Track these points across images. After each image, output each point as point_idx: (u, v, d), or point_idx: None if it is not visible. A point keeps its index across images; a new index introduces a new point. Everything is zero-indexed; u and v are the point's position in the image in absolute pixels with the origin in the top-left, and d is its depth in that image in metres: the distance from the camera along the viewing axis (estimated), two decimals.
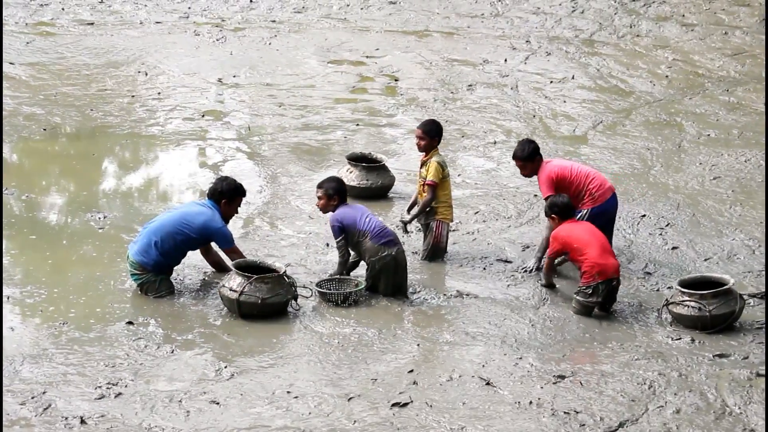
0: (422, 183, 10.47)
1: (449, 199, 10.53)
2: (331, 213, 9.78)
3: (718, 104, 15.05)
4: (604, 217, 10.21)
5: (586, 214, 10.13)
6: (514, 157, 10.42)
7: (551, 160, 10.57)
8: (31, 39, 17.19)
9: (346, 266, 9.85)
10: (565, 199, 9.87)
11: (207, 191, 9.88)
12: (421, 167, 10.52)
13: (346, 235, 9.68)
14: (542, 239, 10.28)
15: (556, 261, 10.11)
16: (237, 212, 9.93)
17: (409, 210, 10.69)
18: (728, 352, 8.79)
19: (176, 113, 14.65)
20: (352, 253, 9.82)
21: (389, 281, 9.64)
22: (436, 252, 10.45)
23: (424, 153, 10.49)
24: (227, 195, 9.71)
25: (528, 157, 10.30)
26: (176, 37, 17.51)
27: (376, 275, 9.64)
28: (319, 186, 9.87)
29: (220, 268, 9.90)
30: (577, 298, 9.49)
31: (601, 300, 9.42)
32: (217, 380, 8.17)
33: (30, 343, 8.62)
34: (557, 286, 9.95)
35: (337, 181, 9.89)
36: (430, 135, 10.44)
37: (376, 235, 9.61)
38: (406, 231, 10.58)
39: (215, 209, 9.67)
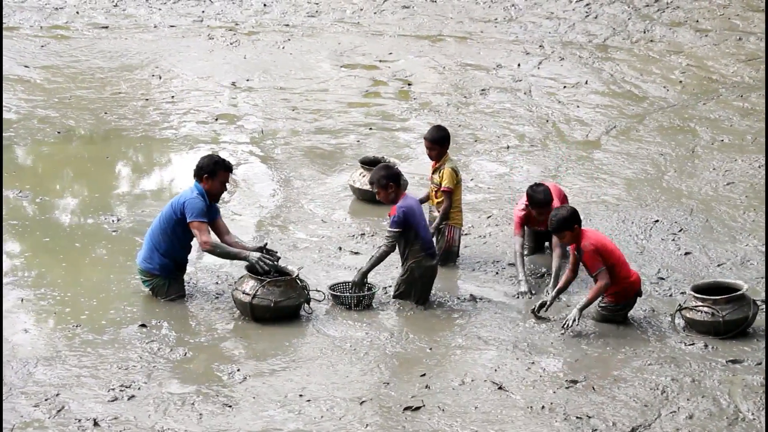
0: (435, 189, 10.47)
1: (460, 203, 10.54)
2: (397, 205, 9.53)
3: (732, 110, 15.02)
4: None
5: None
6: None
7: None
8: (46, 42, 17.26)
9: (383, 260, 9.65)
10: (569, 207, 9.42)
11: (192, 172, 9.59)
12: (433, 173, 10.52)
13: (406, 228, 9.52)
14: (555, 269, 9.85)
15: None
16: (224, 188, 9.61)
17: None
18: (741, 358, 8.76)
19: (190, 117, 14.69)
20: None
21: (421, 290, 9.64)
22: (448, 256, 10.45)
23: (435, 161, 10.50)
24: (207, 170, 9.43)
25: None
26: (190, 41, 17.56)
27: (413, 282, 9.62)
28: (370, 182, 9.74)
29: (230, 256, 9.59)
30: (603, 313, 9.41)
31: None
32: (229, 383, 8.18)
33: (44, 345, 8.65)
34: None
35: (384, 169, 9.67)
36: (440, 143, 10.43)
37: (426, 245, 9.60)
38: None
39: (197, 188, 9.45)
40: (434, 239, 10.33)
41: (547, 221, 9.57)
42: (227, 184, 9.69)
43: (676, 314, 9.39)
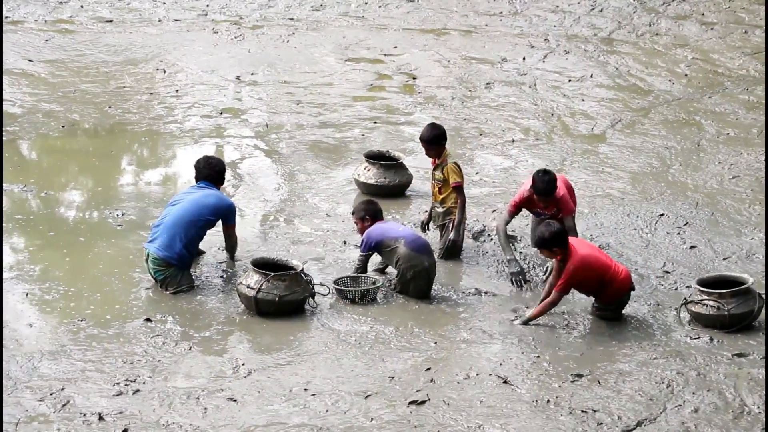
0: (439, 186, 10.44)
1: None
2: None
3: (738, 103, 14.99)
4: None
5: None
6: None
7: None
8: (50, 36, 17.24)
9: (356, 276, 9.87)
10: (556, 226, 9.27)
11: (197, 174, 10.05)
12: (434, 170, 10.49)
13: (380, 248, 9.72)
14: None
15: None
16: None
17: (427, 223, 10.64)
18: (747, 352, 8.75)
19: (194, 111, 14.67)
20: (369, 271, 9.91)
21: (418, 288, 9.64)
22: (452, 251, 10.44)
23: (435, 158, 10.46)
24: (221, 180, 10.09)
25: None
26: (194, 35, 17.54)
27: (407, 282, 9.64)
28: (352, 213, 10.12)
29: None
30: (597, 313, 9.40)
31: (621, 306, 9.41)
32: (234, 377, 8.18)
33: (49, 339, 8.65)
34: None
35: (366, 203, 10.01)
36: (436, 142, 10.37)
37: (411, 241, 9.62)
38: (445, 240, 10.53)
39: (214, 188, 9.97)
40: (441, 234, 10.34)
41: (549, 208, 9.85)
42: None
43: (682, 308, 9.37)
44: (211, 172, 9.99)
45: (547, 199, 9.87)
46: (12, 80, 15.39)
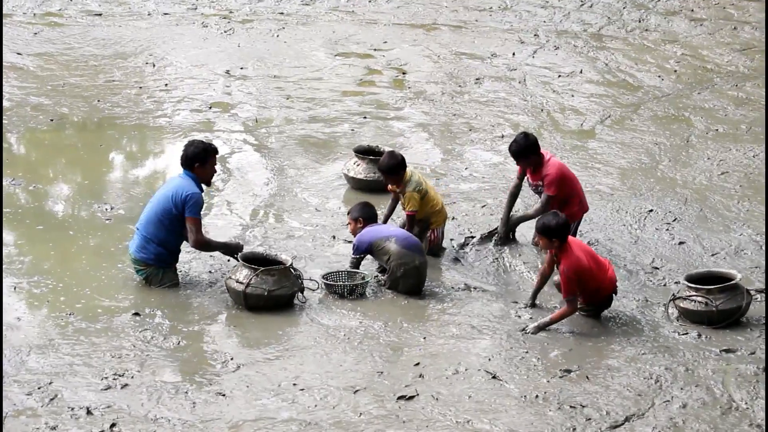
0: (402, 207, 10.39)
1: (437, 204, 10.40)
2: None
3: (727, 99, 15.02)
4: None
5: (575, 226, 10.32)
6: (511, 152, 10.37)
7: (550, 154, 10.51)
8: (39, 29, 17.19)
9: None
10: (563, 218, 9.18)
11: (180, 162, 9.56)
12: (399, 192, 10.37)
13: (372, 249, 9.72)
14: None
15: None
16: (215, 171, 9.64)
17: (386, 218, 10.61)
18: (735, 347, 8.77)
19: (184, 105, 14.65)
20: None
21: (408, 285, 9.64)
22: (434, 251, 10.42)
23: (395, 186, 10.34)
24: (199, 158, 9.44)
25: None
26: (184, 29, 17.51)
27: (397, 280, 9.64)
28: (348, 212, 10.06)
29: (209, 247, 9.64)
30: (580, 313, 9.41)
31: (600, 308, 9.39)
32: (223, 372, 8.17)
33: (37, 333, 8.62)
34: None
35: (360, 205, 9.98)
36: (395, 172, 10.22)
37: (402, 239, 9.63)
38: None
39: (190, 177, 9.44)
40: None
41: (531, 175, 10.31)
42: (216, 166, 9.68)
43: (670, 304, 9.39)
44: (182, 157, 9.48)
45: (519, 161, 10.29)
46: None
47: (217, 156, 9.63)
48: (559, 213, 9.23)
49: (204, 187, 9.55)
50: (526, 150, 10.22)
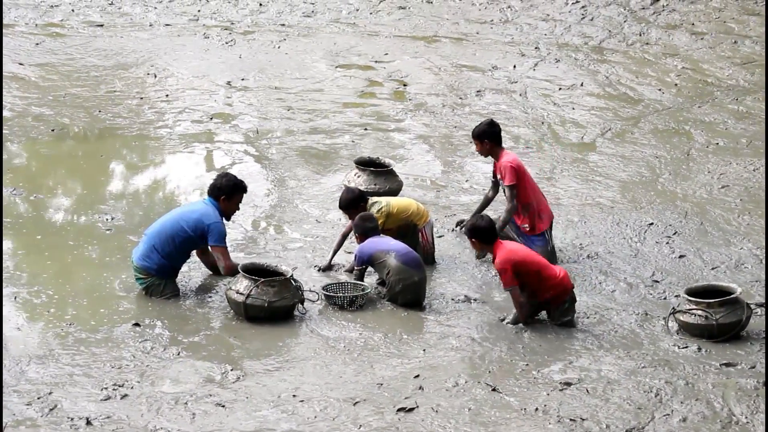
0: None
1: (408, 210, 10.44)
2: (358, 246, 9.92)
3: (727, 113, 15.04)
4: None
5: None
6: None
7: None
8: (41, 40, 17.23)
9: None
10: (488, 219, 9.50)
11: (207, 188, 9.82)
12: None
13: (372, 262, 9.72)
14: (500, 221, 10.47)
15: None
16: (238, 209, 9.83)
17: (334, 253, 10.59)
18: (735, 361, 8.76)
19: (185, 116, 14.67)
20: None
21: (406, 300, 9.64)
22: (430, 259, 10.42)
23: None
24: (226, 191, 9.64)
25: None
26: (185, 40, 17.54)
27: (395, 295, 9.63)
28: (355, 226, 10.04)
29: (216, 270, 9.86)
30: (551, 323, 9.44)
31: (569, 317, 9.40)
32: (222, 383, 8.16)
33: (37, 343, 8.62)
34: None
35: (362, 218, 9.94)
36: (353, 207, 10.21)
37: (401, 255, 9.62)
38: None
39: (213, 206, 9.61)
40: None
41: (495, 170, 10.82)
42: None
43: (670, 317, 9.39)
44: (212, 185, 9.71)
45: (475, 141, 10.67)
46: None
47: (244, 194, 9.80)
48: (485, 216, 9.60)
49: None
50: (483, 134, 10.57)
